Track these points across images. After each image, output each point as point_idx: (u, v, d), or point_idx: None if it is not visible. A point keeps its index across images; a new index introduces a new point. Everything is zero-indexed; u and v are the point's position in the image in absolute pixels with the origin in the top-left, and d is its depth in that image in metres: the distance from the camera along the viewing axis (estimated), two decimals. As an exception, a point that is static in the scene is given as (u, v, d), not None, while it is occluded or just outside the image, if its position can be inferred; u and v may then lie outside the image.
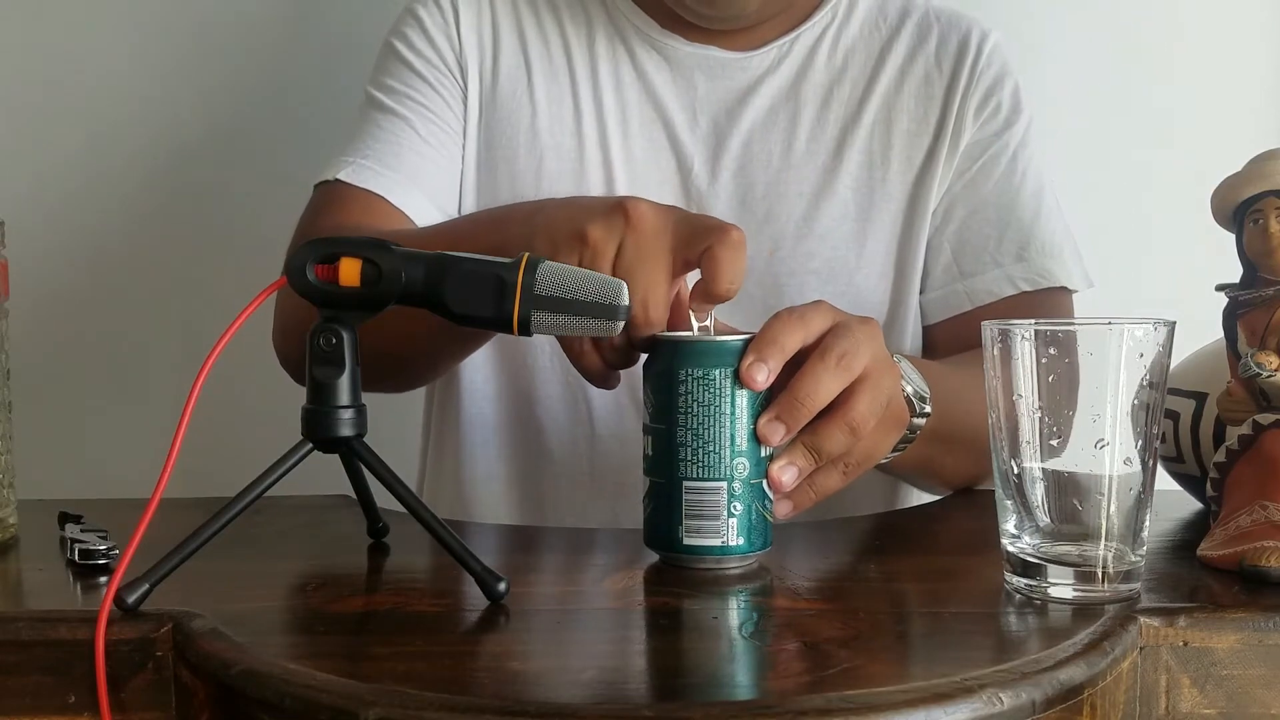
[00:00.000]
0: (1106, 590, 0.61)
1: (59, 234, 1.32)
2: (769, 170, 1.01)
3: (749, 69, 1.02)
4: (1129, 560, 0.62)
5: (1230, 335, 0.71)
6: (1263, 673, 0.60)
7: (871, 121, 1.02)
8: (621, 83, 1.02)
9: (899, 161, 1.01)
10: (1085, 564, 0.61)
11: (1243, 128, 1.35)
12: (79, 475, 1.24)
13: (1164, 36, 1.36)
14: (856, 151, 1.01)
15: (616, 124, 1.01)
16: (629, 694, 0.53)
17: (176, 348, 1.32)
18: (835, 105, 1.02)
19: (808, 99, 1.02)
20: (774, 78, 1.02)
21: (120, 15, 1.32)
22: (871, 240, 1.00)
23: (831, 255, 1.00)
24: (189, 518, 0.63)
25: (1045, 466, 0.62)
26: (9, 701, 0.59)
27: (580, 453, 1.01)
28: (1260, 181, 0.70)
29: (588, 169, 1.00)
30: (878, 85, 1.02)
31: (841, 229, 1.00)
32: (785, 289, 0.99)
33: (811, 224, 1.00)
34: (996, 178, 1.01)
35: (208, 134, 1.33)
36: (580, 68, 1.02)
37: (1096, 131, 1.34)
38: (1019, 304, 0.99)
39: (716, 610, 0.63)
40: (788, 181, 1.00)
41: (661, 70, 1.02)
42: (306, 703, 0.51)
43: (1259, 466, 0.68)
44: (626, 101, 1.01)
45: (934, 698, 0.50)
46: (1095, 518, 0.61)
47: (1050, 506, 0.62)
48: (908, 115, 1.02)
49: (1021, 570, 0.63)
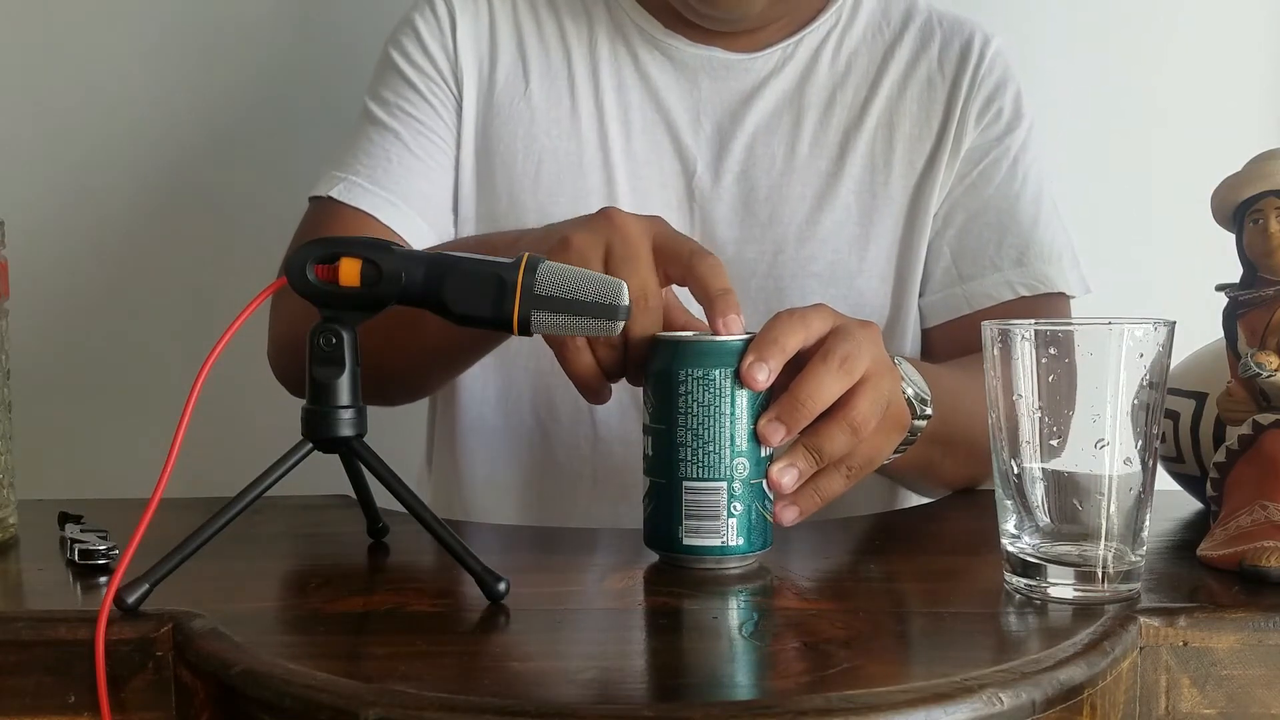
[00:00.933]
0: (1106, 590, 0.61)
1: (59, 234, 1.32)
2: (772, 173, 1.01)
3: (752, 71, 1.02)
4: (1129, 560, 0.62)
5: (1230, 335, 0.71)
6: (1263, 673, 0.60)
7: (874, 125, 1.02)
8: (623, 84, 1.02)
9: (901, 166, 1.01)
10: (1085, 564, 0.61)
11: (1242, 128, 1.35)
12: (79, 475, 1.24)
13: (1164, 37, 1.36)
14: (859, 155, 1.01)
15: (618, 126, 1.01)
16: (629, 694, 0.53)
17: (177, 348, 1.32)
18: (838, 109, 1.02)
19: (811, 102, 1.02)
20: (778, 80, 1.02)
21: (121, 16, 1.32)
22: (873, 244, 1.00)
23: (834, 259, 1.00)
24: (189, 518, 0.63)
25: (1045, 466, 0.62)
26: (9, 701, 0.59)
27: (583, 455, 1.01)
28: (1260, 181, 0.70)
29: (587, 172, 1.00)
30: (880, 89, 1.02)
31: (844, 232, 1.00)
32: (787, 291, 0.99)
33: (814, 227, 1.00)
34: (997, 182, 1.02)
35: (209, 135, 1.33)
36: (580, 69, 1.02)
37: (1096, 132, 1.34)
38: (1017, 308, 0.99)
39: (716, 610, 0.63)
40: (790, 184, 1.00)
41: (665, 71, 1.02)
42: (306, 703, 0.51)
43: (1259, 466, 0.68)
44: (629, 103, 1.01)
45: (934, 698, 0.50)
46: (1095, 518, 0.61)
47: (1050, 506, 0.62)
48: (910, 119, 1.02)
49: (1021, 570, 0.63)
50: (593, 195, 0.99)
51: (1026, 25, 1.32)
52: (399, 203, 0.97)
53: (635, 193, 0.99)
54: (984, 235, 1.01)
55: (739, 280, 0.99)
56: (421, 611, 0.62)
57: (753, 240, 1.00)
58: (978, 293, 1.00)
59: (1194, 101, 1.34)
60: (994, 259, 1.00)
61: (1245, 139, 0.93)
